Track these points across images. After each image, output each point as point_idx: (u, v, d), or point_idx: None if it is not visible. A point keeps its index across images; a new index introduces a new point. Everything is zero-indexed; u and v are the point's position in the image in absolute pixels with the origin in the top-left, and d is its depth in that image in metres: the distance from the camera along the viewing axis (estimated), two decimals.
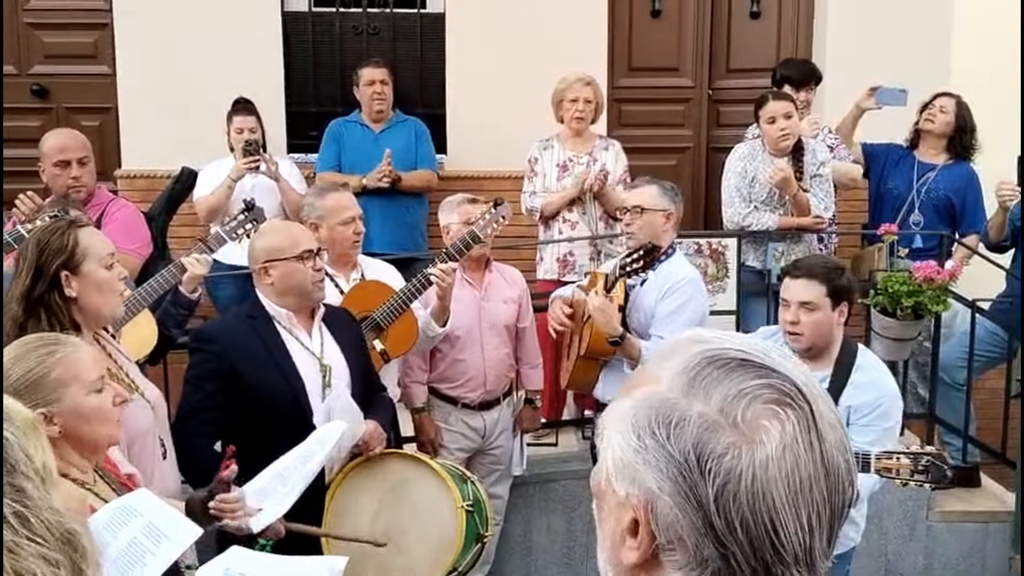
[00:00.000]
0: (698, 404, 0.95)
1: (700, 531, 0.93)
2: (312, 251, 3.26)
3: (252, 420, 3.18)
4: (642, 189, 4.09)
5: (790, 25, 6.59)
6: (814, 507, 0.94)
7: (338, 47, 6.43)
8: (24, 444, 1.21)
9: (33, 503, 1.16)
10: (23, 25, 6.47)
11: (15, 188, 4.72)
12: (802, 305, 3.33)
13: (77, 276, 2.71)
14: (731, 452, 0.93)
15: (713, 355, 0.98)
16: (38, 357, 2.22)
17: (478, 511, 3.32)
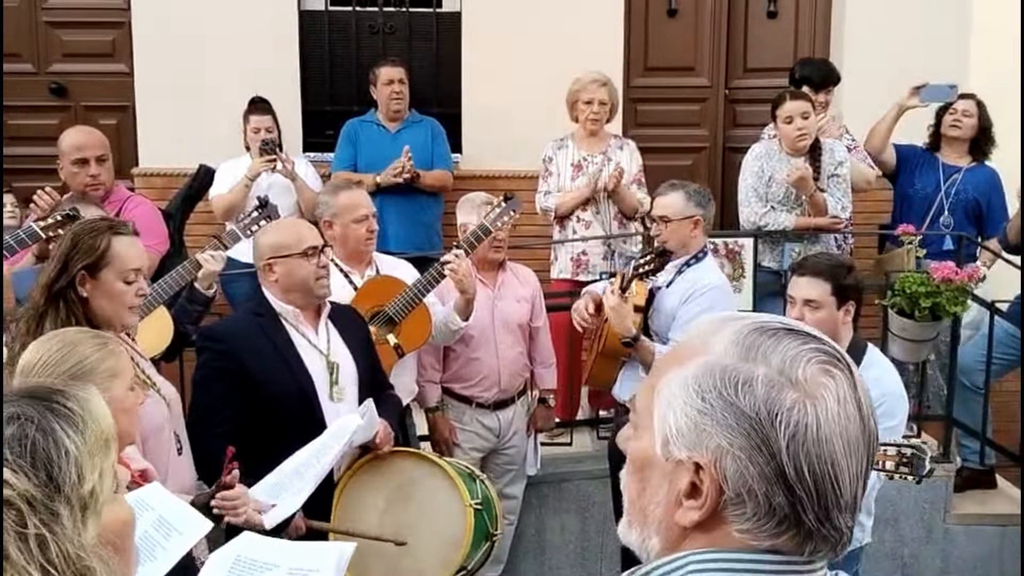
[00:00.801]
0: (760, 367, 1.05)
1: (771, 480, 1.03)
2: (316, 248, 3.26)
3: (260, 417, 3.18)
4: (667, 198, 4.00)
5: (807, 24, 6.56)
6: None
7: (354, 46, 6.44)
8: (82, 463, 1.13)
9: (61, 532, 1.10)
10: (42, 23, 6.51)
11: (33, 185, 4.75)
12: (807, 303, 3.32)
13: (94, 280, 2.74)
14: (797, 407, 1.03)
15: (759, 325, 1.09)
16: (93, 347, 2.26)
17: (487, 510, 3.31)
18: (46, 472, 1.10)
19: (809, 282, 3.33)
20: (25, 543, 1.07)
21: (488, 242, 4.01)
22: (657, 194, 4.10)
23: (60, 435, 1.13)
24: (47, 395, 1.18)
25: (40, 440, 1.12)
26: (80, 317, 2.71)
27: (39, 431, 1.12)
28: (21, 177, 6.32)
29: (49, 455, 1.11)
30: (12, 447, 1.10)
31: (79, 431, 1.15)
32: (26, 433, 1.12)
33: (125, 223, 2.90)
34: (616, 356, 3.98)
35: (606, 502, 4.76)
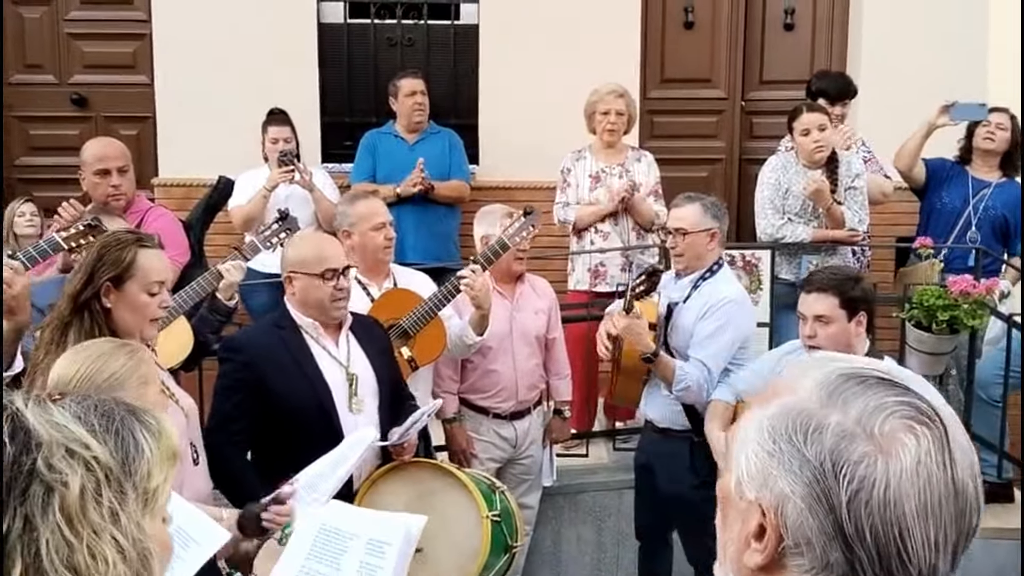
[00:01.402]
0: (836, 414, 1.00)
1: (829, 534, 0.98)
2: (336, 270, 3.26)
3: (279, 429, 3.20)
4: (683, 209, 3.97)
5: (824, 37, 6.57)
6: (942, 526, 0.98)
7: (372, 58, 6.49)
8: (153, 464, 1.20)
9: (129, 511, 1.16)
10: (63, 35, 6.58)
11: (56, 196, 4.81)
12: (817, 319, 3.33)
13: (119, 291, 2.77)
14: (866, 461, 0.97)
15: (852, 372, 1.04)
16: (125, 356, 2.31)
17: (506, 521, 3.32)
18: (123, 455, 1.18)
19: (817, 298, 3.34)
20: (99, 510, 1.13)
21: (510, 253, 4.02)
22: (673, 206, 4.08)
23: (140, 435, 1.21)
24: (132, 406, 1.26)
25: (123, 429, 1.20)
26: (103, 327, 2.74)
27: (123, 423, 1.20)
28: (42, 187, 6.40)
29: (128, 443, 1.19)
30: (100, 423, 1.17)
31: (155, 438, 1.23)
32: (113, 419, 1.20)
33: (151, 236, 2.93)
34: (636, 373, 3.98)
35: (622, 514, 4.76)
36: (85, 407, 1.19)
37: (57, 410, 1.17)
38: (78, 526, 1.11)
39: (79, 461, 1.13)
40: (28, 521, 1.10)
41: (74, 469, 1.12)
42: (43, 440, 1.13)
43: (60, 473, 1.12)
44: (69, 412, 1.17)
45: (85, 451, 1.14)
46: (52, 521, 1.10)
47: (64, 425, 1.15)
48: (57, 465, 1.12)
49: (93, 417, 1.18)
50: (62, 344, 2.65)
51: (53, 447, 1.12)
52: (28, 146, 6.69)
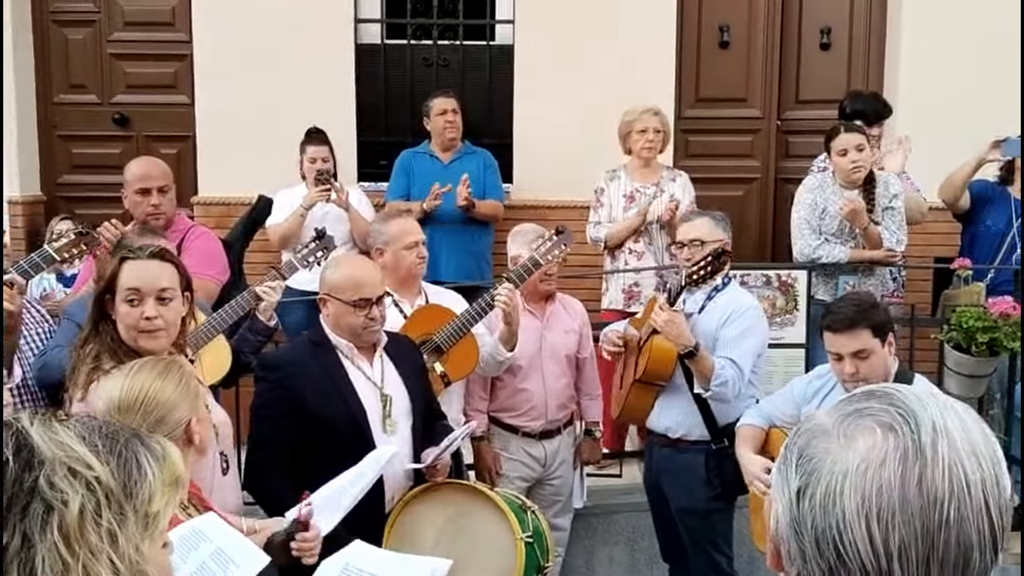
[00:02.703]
0: (824, 418, 1.06)
1: (787, 525, 1.03)
2: (370, 300, 3.26)
3: (315, 448, 3.21)
4: (697, 222, 4.05)
5: (861, 57, 6.53)
6: (894, 532, 0.97)
7: (408, 78, 6.55)
8: (155, 488, 1.21)
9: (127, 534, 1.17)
10: (106, 56, 6.71)
11: (98, 214, 4.90)
12: (855, 355, 3.26)
13: (113, 304, 2.82)
14: (819, 457, 1.02)
15: (874, 389, 1.07)
16: (179, 371, 2.36)
17: (538, 542, 3.30)
18: (125, 477, 1.19)
19: (851, 335, 3.25)
20: (98, 531, 1.14)
21: (538, 274, 4.04)
22: (684, 220, 4.17)
23: (143, 458, 1.22)
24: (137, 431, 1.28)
25: (127, 451, 1.21)
26: (116, 342, 2.78)
27: (127, 445, 1.21)
28: (84, 205, 6.52)
29: (131, 465, 1.20)
30: (103, 443, 1.19)
31: (159, 463, 1.23)
32: (118, 439, 1.21)
33: (146, 247, 2.93)
34: (656, 381, 3.95)
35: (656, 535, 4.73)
36: (90, 428, 1.21)
37: (62, 429, 1.19)
38: (75, 546, 1.12)
39: (80, 481, 1.14)
40: (26, 538, 1.11)
41: (75, 488, 1.13)
42: (46, 458, 1.14)
43: (61, 492, 1.13)
44: (73, 431, 1.19)
45: (87, 471, 1.15)
46: (50, 540, 1.11)
47: (67, 444, 1.16)
48: (58, 484, 1.13)
49: (97, 438, 1.19)
50: (86, 360, 2.72)
51: (55, 465, 1.14)
52: (71, 164, 6.82)
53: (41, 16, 6.64)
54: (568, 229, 4.08)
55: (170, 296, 2.81)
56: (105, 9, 6.66)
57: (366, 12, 6.46)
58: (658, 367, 3.88)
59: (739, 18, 6.51)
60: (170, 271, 2.85)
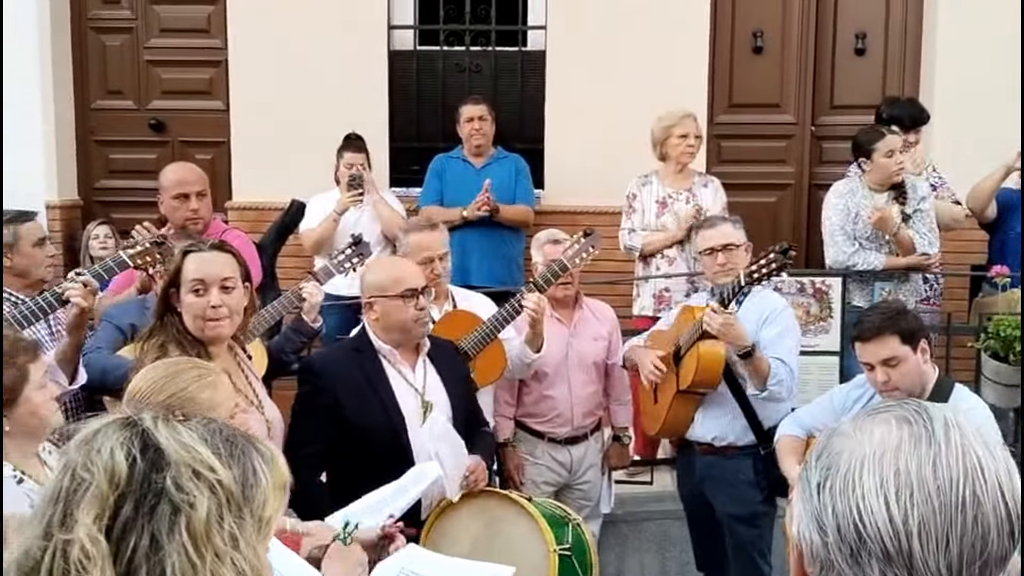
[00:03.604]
0: (845, 424, 1.09)
1: (807, 522, 1.05)
2: (415, 290, 3.30)
3: (351, 452, 3.22)
4: (723, 227, 4.05)
5: (896, 62, 6.48)
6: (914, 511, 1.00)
7: (441, 84, 6.58)
8: (268, 492, 1.22)
9: (246, 537, 1.18)
10: (143, 62, 6.80)
11: (133, 218, 4.94)
12: (885, 363, 3.25)
13: (178, 297, 2.91)
14: (838, 450, 1.05)
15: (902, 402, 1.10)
16: (192, 377, 2.35)
17: (578, 555, 3.26)
18: (243, 481, 1.20)
19: (878, 344, 3.26)
20: (221, 534, 1.15)
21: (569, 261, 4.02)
22: (708, 227, 4.11)
23: (257, 462, 1.23)
24: (246, 433, 1.29)
25: (244, 456, 1.22)
26: (182, 332, 2.87)
27: (243, 450, 1.23)
28: (120, 209, 6.60)
29: (248, 470, 1.22)
30: (224, 447, 1.20)
31: (270, 467, 1.25)
32: (236, 443, 1.22)
33: (206, 240, 3.06)
34: (704, 389, 3.90)
35: (687, 542, 4.69)
36: (211, 430, 1.22)
37: (185, 430, 1.20)
38: (202, 548, 1.13)
39: (204, 483, 1.15)
40: (155, 539, 1.12)
41: (201, 491, 1.14)
42: (172, 460, 1.15)
43: (188, 494, 1.14)
44: (196, 433, 1.20)
45: (211, 473, 1.16)
46: (178, 542, 1.12)
47: (191, 446, 1.18)
48: (185, 486, 1.14)
49: (218, 441, 1.21)
50: (152, 351, 2.80)
51: (181, 467, 1.15)
52: (108, 169, 6.91)
53: (79, 23, 6.74)
54: (596, 232, 4.05)
55: (232, 285, 2.93)
56: (142, 16, 6.74)
57: (399, 18, 6.49)
58: (707, 375, 3.83)
59: (773, 23, 6.47)
60: (231, 261, 2.97)
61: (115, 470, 1.14)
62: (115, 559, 1.11)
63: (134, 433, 1.18)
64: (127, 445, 1.17)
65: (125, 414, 1.23)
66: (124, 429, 1.19)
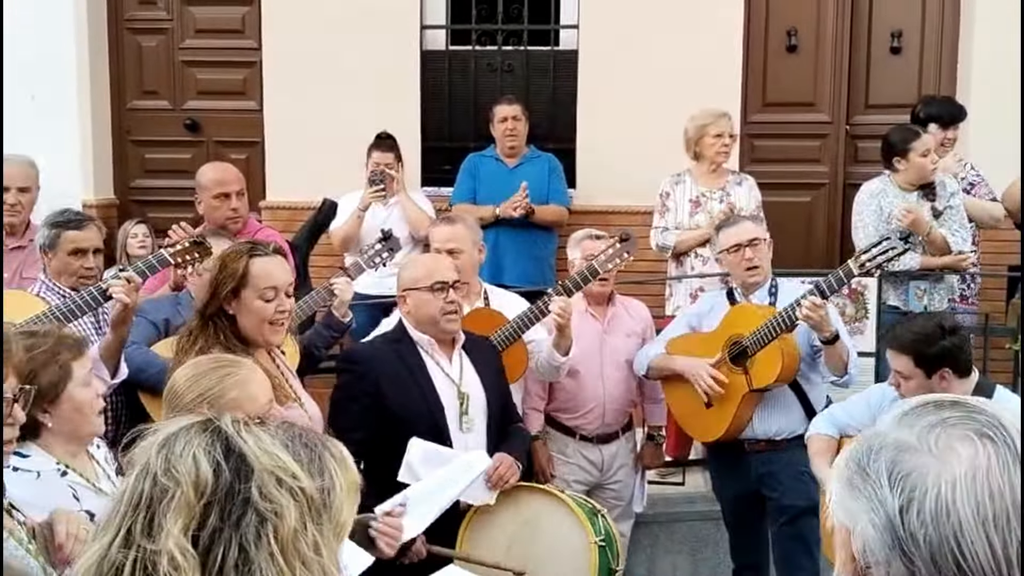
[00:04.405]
0: (900, 433, 1.05)
1: (889, 546, 1.00)
2: (445, 283, 3.34)
3: (391, 440, 3.24)
4: (745, 224, 4.09)
5: (933, 60, 6.41)
6: (1012, 538, 0.96)
7: (472, 84, 6.58)
8: (344, 497, 1.22)
9: (328, 543, 1.18)
10: (178, 63, 6.86)
11: (169, 217, 5.00)
12: (897, 373, 3.35)
13: (236, 299, 2.91)
14: (918, 471, 1.00)
15: (931, 400, 1.08)
16: (216, 378, 2.35)
17: (609, 546, 3.29)
18: (323, 488, 1.19)
19: (893, 355, 3.36)
20: (306, 542, 1.14)
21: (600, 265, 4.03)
22: (730, 225, 4.13)
23: (332, 466, 1.23)
24: (318, 434, 1.29)
25: (322, 461, 1.22)
26: (228, 335, 2.88)
27: (321, 456, 1.22)
28: (156, 208, 6.67)
29: (327, 475, 1.21)
30: (305, 453, 1.20)
31: (343, 470, 1.25)
32: (315, 448, 1.22)
33: (266, 244, 3.08)
34: (782, 384, 3.90)
35: (719, 543, 4.67)
36: (291, 435, 1.21)
37: (267, 436, 1.18)
38: (291, 558, 1.12)
39: (288, 491, 1.14)
40: (243, 550, 1.10)
41: (286, 500, 1.13)
42: (256, 467, 1.13)
43: (274, 503, 1.12)
44: (278, 439, 1.19)
45: (293, 481, 1.15)
46: (266, 552, 1.11)
47: (275, 454, 1.16)
48: (271, 494, 1.12)
49: (299, 446, 1.19)
50: (190, 352, 2.80)
51: (265, 475, 1.13)
52: (143, 169, 6.98)
53: (116, 24, 6.82)
54: (633, 236, 4.02)
55: (291, 290, 3.02)
56: (177, 17, 6.81)
57: (431, 18, 6.51)
58: (790, 372, 3.86)
59: (807, 22, 6.42)
60: (290, 267, 3.05)
61: (200, 477, 1.13)
62: (203, 570, 1.10)
63: (215, 438, 1.16)
64: (210, 452, 1.15)
65: (203, 416, 1.22)
66: (205, 433, 1.17)
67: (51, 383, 2.33)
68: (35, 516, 2.13)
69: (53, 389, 2.33)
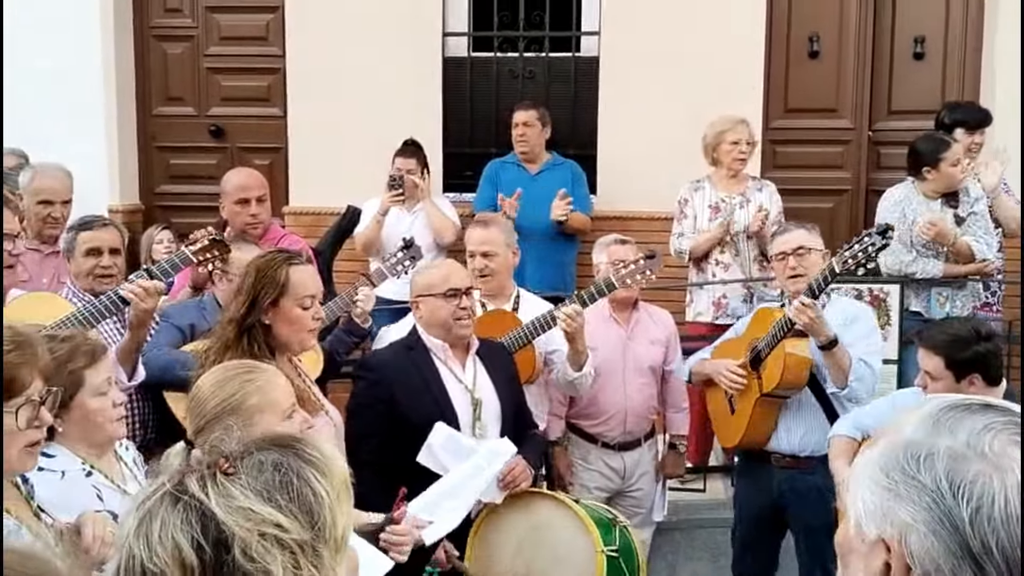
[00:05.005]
0: (945, 440, 1.03)
1: (957, 555, 0.99)
2: (458, 290, 3.36)
3: (405, 446, 3.26)
4: (796, 232, 3.97)
5: (956, 66, 6.37)
6: None
7: (494, 90, 6.61)
8: (334, 507, 1.20)
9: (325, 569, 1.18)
10: (203, 70, 6.93)
11: (193, 222, 5.05)
12: (926, 373, 3.31)
13: (275, 308, 2.94)
14: (981, 479, 0.99)
15: (956, 402, 1.07)
16: (239, 384, 2.36)
17: (627, 558, 3.26)
18: (310, 518, 1.18)
19: (924, 354, 3.31)
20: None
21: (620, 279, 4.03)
22: (784, 231, 4.04)
23: (314, 482, 1.21)
24: (290, 443, 1.25)
25: (303, 488, 1.20)
26: (262, 344, 2.90)
27: (300, 479, 1.20)
28: (180, 214, 6.73)
29: (309, 500, 1.19)
30: (282, 494, 1.18)
31: (326, 477, 1.22)
32: (291, 481, 1.19)
33: (299, 253, 3.13)
34: (790, 390, 3.82)
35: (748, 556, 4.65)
36: (264, 479, 1.18)
37: (238, 490, 1.16)
38: None
39: (273, 543, 1.14)
40: None
41: (272, 554, 1.13)
42: (235, 532, 1.13)
43: (259, 561, 1.13)
44: (251, 490, 1.17)
45: (278, 531, 1.15)
46: None
47: (250, 508, 1.15)
48: (256, 553, 1.12)
49: (273, 487, 1.17)
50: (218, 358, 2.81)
51: (245, 536, 1.13)
52: (168, 175, 7.05)
53: (142, 31, 6.89)
54: (659, 255, 3.98)
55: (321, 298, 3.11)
56: (202, 25, 6.88)
57: (453, 25, 6.54)
58: (794, 375, 3.75)
59: (829, 27, 6.41)
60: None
61: (186, 562, 1.13)
62: None
63: (189, 512, 1.15)
64: (187, 530, 1.14)
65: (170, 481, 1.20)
66: (177, 509, 1.16)
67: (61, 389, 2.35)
68: (59, 516, 2.15)
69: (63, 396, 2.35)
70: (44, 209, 4.40)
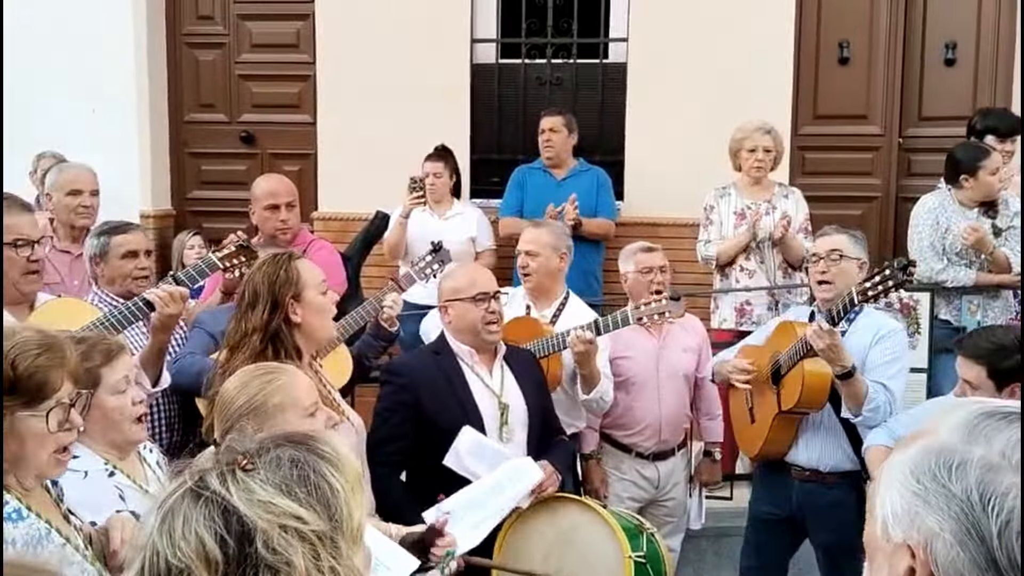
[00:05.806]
0: (979, 449, 1.02)
1: (982, 567, 0.98)
2: (487, 294, 3.39)
3: (431, 451, 3.28)
4: (834, 236, 3.84)
5: (988, 72, 6.31)
6: None
7: (522, 97, 6.63)
8: (350, 500, 1.23)
9: (344, 563, 1.20)
10: (235, 77, 7.01)
11: (224, 227, 5.11)
12: (967, 382, 3.24)
13: (300, 303, 2.94)
14: (1014, 492, 0.98)
15: (992, 410, 1.06)
16: (259, 385, 2.39)
17: (654, 565, 3.25)
18: (328, 510, 1.21)
19: (966, 363, 3.25)
20: (322, 572, 1.18)
21: (646, 285, 4.03)
22: (822, 234, 3.93)
23: (330, 477, 1.24)
24: (304, 440, 1.28)
25: (319, 482, 1.23)
26: (289, 347, 2.90)
27: (316, 473, 1.23)
28: (211, 219, 6.81)
29: (326, 493, 1.22)
30: (301, 488, 1.21)
31: (341, 472, 1.25)
32: (308, 475, 1.23)
33: (292, 251, 3.15)
34: (809, 410, 3.75)
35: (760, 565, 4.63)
36: (282, 474, 1.21)
37: (257, 485, 1.19)
38: None
39: (294, 535, 1.17)
40: None
41: (293, 546, 1.16)
42: (257, 525, 1.16)
43: (282, 553, 1.15)
44: (268, 483, 1.20)
45: (299, 523, 1.18)
46: None
47: (271, 502, 1.18)
48: (278, 546, 1.15)
49: (292, 481, 1.21)
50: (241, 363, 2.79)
51: (267, 529, 1.16)
52: (200, 181, 7.13)
53: (174, 39, 6.99)
54: (682, 301, 3.98)
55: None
56: (234, 32, 6.96)
57: (482, 32, 6.57)
58: (812, 396, 3.66)
59: (859, 34, 6.37)
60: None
61: (209, 557, 1.15)
62: None
63: (212, 508, 1.18)
64: (211, 526, 1.17)
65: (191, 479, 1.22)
66: (200, 505, 1.18)
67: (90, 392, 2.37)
68: (82, 515, 2.18)
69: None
70: (74, 200, 4.45)
